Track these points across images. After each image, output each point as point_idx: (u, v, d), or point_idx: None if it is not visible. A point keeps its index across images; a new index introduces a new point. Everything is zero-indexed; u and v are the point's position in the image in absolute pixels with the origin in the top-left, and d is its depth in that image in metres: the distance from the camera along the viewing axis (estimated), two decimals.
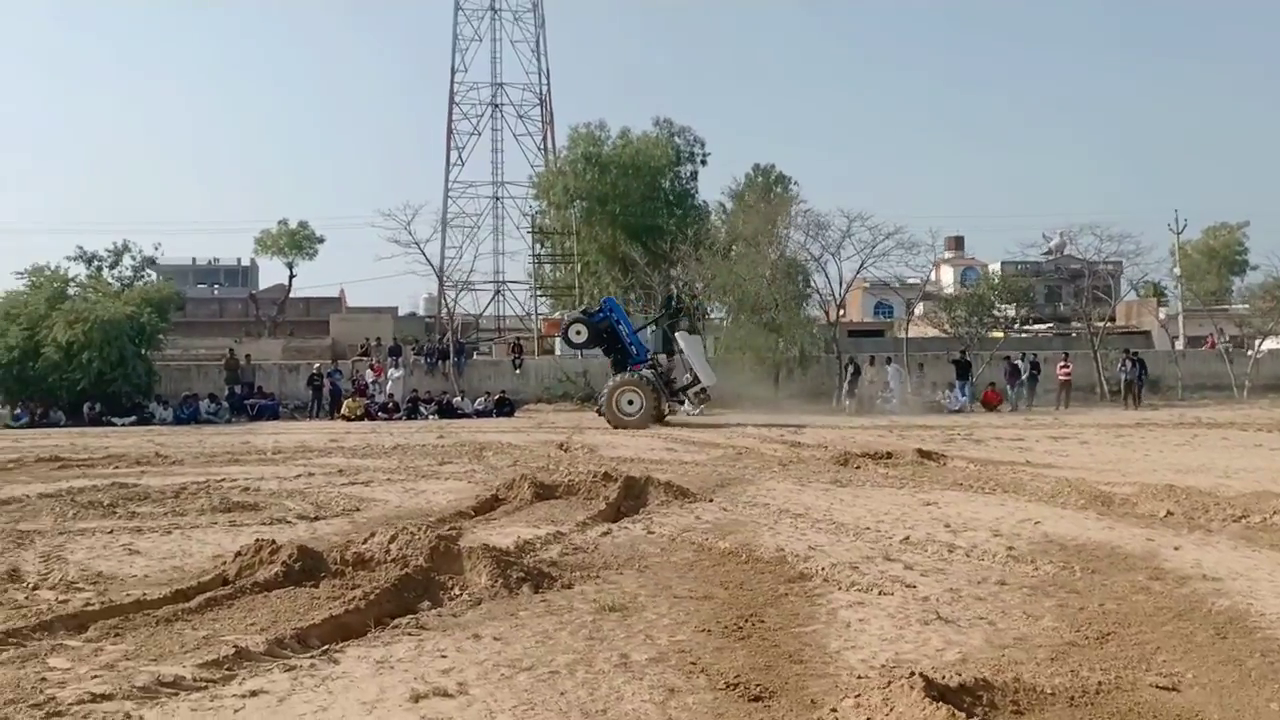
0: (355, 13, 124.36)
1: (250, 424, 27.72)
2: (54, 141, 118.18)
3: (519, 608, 6.33)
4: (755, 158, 63.79)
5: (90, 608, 6.23)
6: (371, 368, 30.85)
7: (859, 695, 4.30)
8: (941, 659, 5.16)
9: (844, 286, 33.12)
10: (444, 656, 5.25)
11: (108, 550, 8.65)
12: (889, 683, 4.26)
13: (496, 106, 55.82)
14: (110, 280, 32.45)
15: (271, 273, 65.45)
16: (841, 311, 32.98)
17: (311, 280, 52.97)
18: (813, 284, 32.93)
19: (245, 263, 75.94)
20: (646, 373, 24.57)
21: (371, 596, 6.34)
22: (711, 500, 11.43)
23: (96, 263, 39.46)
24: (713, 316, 36.82)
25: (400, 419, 27.97)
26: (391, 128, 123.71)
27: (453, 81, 55.63)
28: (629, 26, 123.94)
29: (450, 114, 55.46)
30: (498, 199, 56.18)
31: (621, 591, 6.79)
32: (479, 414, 29.18)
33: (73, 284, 30.60)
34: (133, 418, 27.83)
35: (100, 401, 27.94)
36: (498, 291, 53.86)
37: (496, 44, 55.98)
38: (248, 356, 31.61)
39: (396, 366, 30.92)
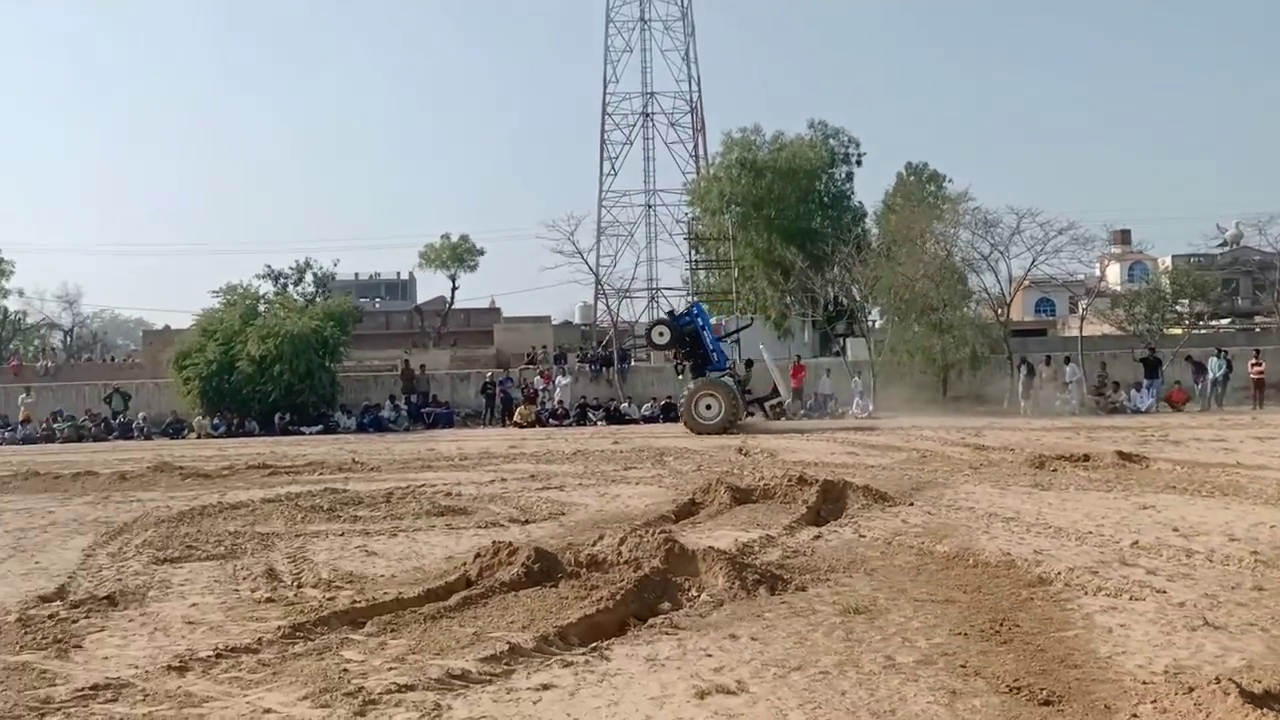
0: (501, 32, 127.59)
1: (428, 431, 28.71)
2: (243, 162, 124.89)
3: (761, 609, 6.42)
4: (904, 157, 62.43)
5: (358, 604, 6.61)
6: (541, 375, 31.55)
7: (1155, 701, 4.22)
8: (1224, 665, 5.00)
9: (1013, 285, 32.13)
10: (709, 655, 5.37)
11: (346, 551, 9.15)
12: (1191, 689, 4.16)
13: (648, 116, 56.44)
14: (294, 296, 34.13)
15: (428, 286, 67.69)
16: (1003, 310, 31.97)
17: (462, 292, 54.46)
18: (980, 282, 32.08)
19: (405, 276, 78.89)
20: (726, 379, 24.75)
21: (618, 597, 6.54)
22: (911, 504, 11.32)
23: (282, 280, 41.67)
24: (869, 319, 36.20)
25: (570, 425, 28.52)
26: (530, 141, 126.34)
27: (605, 93, 56.54)
28: (778, 29, 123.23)
29: (603, 125, 56.38)
30: (650, 207, 56.71)
31: (858, 594, 6.80)
32: (646, 420, 29.48)
33: (261, 301, 32.36)
34: (319, 427, 29.21)
35: (289, 411, 29.44)
36: (653, 298, 54.28)
37: (646, 54, 56.64)
38: (422, 366, 32.76)
39: (564, 374, 31.53)
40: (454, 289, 53.06)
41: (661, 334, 25.80)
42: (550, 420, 28.81)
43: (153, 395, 32.75)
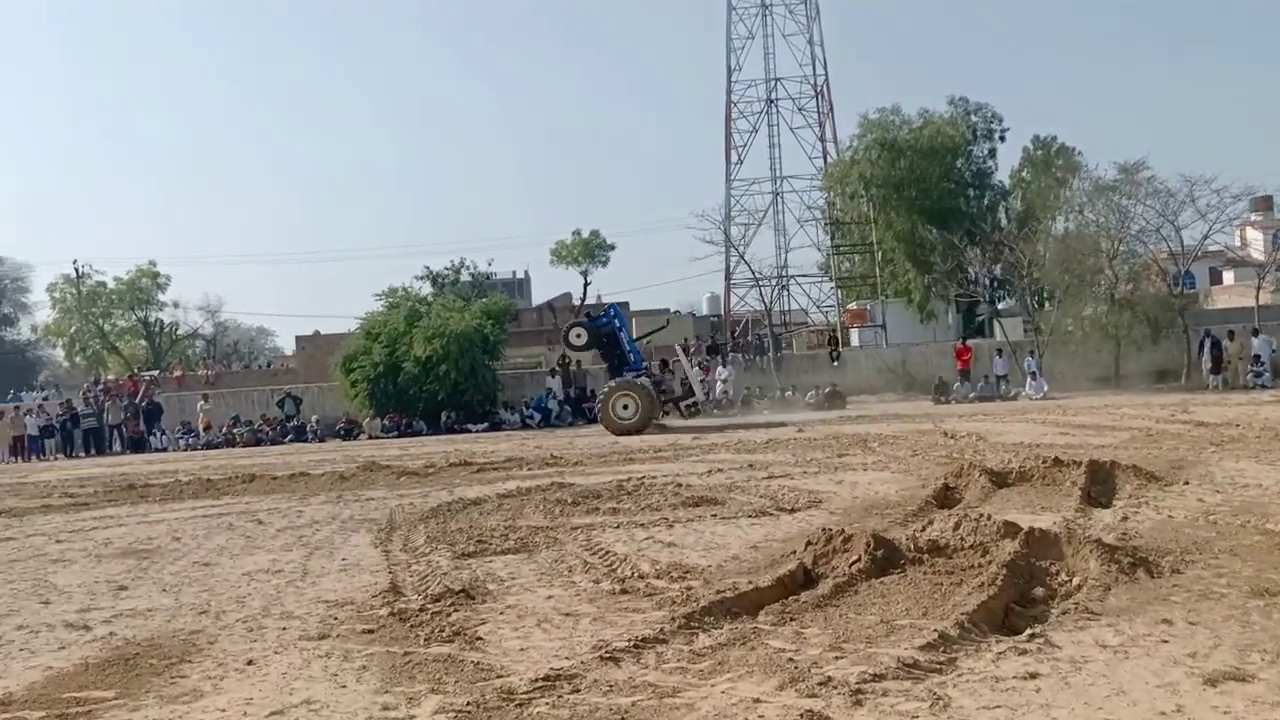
0: (616, 27, 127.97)
1: (591, 425, 28.82)
2: (351, 166, 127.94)
3: (1161, 593, 6.10)
4: (1031, 129, 60.30)
5: (725, 594, 6.49)
6: (700, 366, 31.44)
7: None
8: None
9: (1188, 256, 30.78)
10: (1165, 642, 5.09)
11: (640, 543, 9.06)
12: None
13: (772, 102, 55.87)
14: (451, 296, 34.71)
15: (544, 284, 68.58)
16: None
17: (557, 288, 54.83)
18: (1150, 253, 30.82)
19: (520, 275, 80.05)
20: (643, 380, 24.72)
21: (998, 582, 6.29)
22: (1186, 483, 10.80)
23: (440, 281, 42.46)
24: (1031, 298, 35.09)
25: (734, 415, 28.29)
26: (631, 136, 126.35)
27: (729, 81, 56.16)
28: (900, 7, 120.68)
29: (728, 114, 55.99)
30: (778, 194, 56.15)
31: (1244, 576, 6.42)
32: (811, 408, 29.09)
33: (421, 303, 32.95)
34: (485, 424, 29.62)
35: (456, 410, 29.94)
36: (784, 286, 53.77)
37: (769, 39, 56.05)
38: (578, 362, 32.96)
39: (725, 365, 31.36)
40: (586, 285, 53.45)
41: (579, 335, 25.79)
42: (714, 411, 28.63)
43: (317, 399, 33.66)
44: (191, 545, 10.46)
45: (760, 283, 42.78)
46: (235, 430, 30.40)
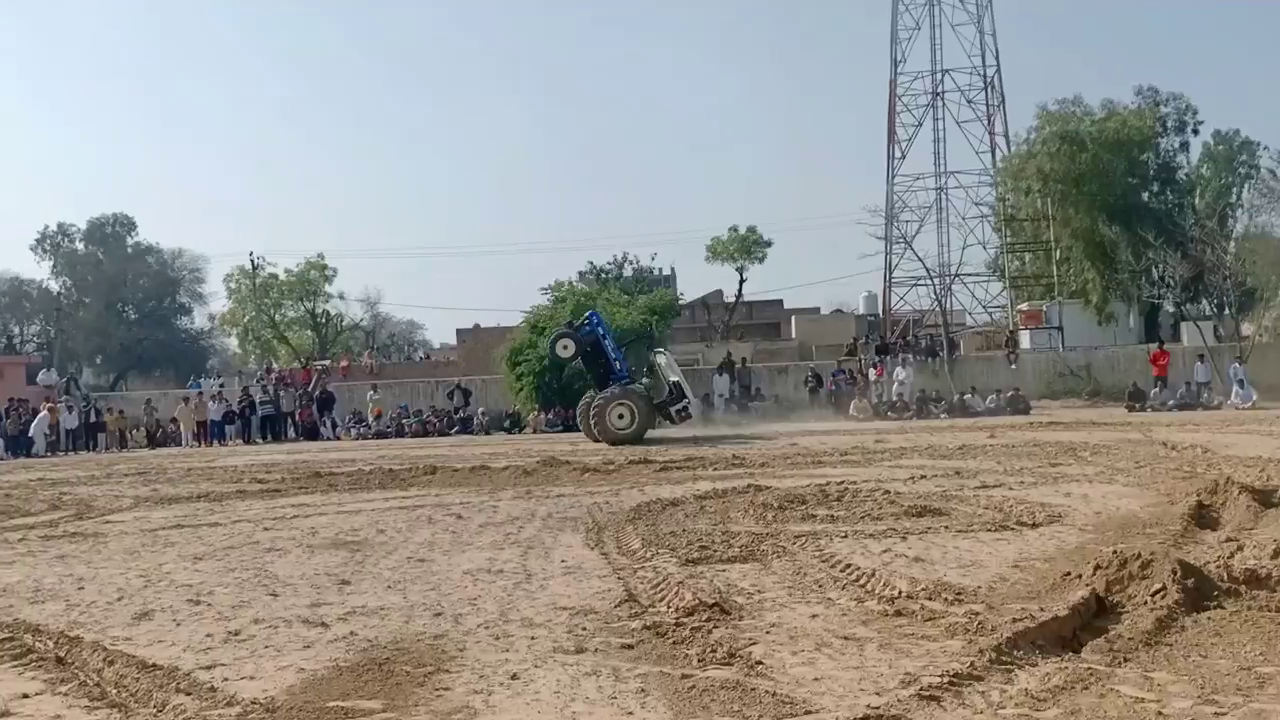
0: (783, 17, 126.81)
1: (761, 426, 28.08)
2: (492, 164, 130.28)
3: None
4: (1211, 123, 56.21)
5: (1024, 624, 5.73)
6: (874, 367, 30.41)
7: None
8: None
9: None
10: None
11: (878, 555, 8.34)
12: None
13: (939, 95, 53.91)
14: (616, 291, 34.57)
15: (692, 281, 68.02)
16: None
17: (706, 285, 54.10)
18: None
19: (666, 271, 79.75)
20: (638, 388, 23.70)
21: None
22: None
23: (603, 275, 42.50)
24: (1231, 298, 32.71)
25: (910, 418, 27.21)
26: (785, 133, 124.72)
27: (894, 73, 54.48)
28: None
29: (892, 107, 54.26)
30: (941, 190, 54.17)
31: None
32: (991, 412, 27.75)
33: (586, 297, 32.83)
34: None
35: None
36: (949, 285, 51.79)
37: (936, 30, 54.12)
38: (744, 359, 32.37)
39: (903, 366, 30.22)
40: (741, 281, 52.69)
41: (565, 346, 24.13)
42: (889, 414, 27.58)
43: (480, 391, 33.95)
44: (398, 539, 10.22)
45: (932, 280, 41.18)
46: (404, 421, 30.83)
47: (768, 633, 5.96)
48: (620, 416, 22.62)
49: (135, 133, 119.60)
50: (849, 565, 7.89)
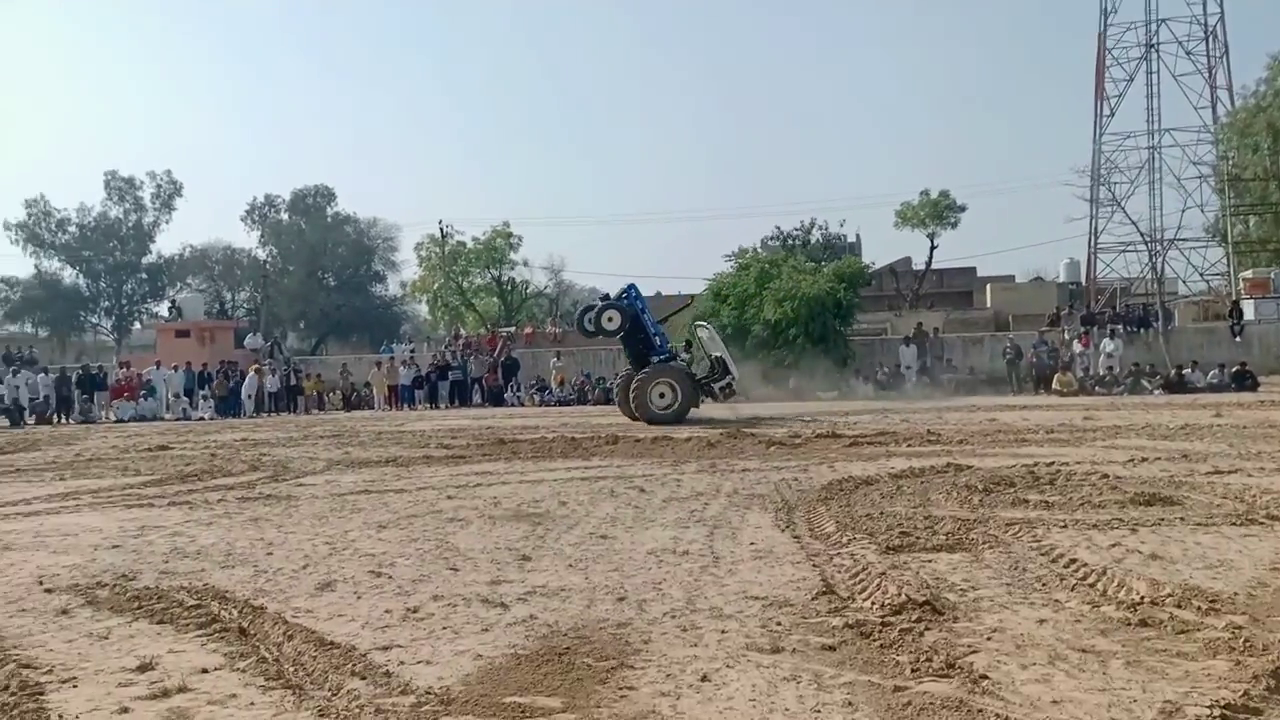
0: None
1: (954, 399, 26.78)
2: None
3: None
4: None
5: None
6: (1079, 338, 28.51)
7: None
8: None
9: None
10: None
11: (1116, 551, 7.42)
12: None
13: (1153, 47, 49.98)
14: (803, 258, 33.66)
15: (879, 247, 65.85)
16: None
17: (893, 251, 51.69)
18: None
19: (851, 238, 77.58)
20: (679, 365, 22.26)
21: None
22: None
23: (789, 241, 41.61)
24: None
25: (1121, 393, 25.33)
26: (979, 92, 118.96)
27: (1103, 25, 50.83)
28: None
29: (1100, 61, 50.65)
30: (1155, 149, 50.32)
31: None
32: (1213, 388, 25.53)
33: (772, 264, 32.06)
34: (835, 392, 28.34)
35: (803, 377, 28.86)
36: (1165, 250, 48.21)
37: None
38: (936, 329, 30.96)
39: (1111, 337, 28.21)
40: (933, 249, 50.56)
41: (611, 319, 22.04)
42: (1097, 389, 25.76)
43: None
44: (580, 512, 9.92)
45: (1146, 244, 38.30)
46: (587, 388, 30.91)
47: (989, 639, 5.27)
48: (661, 395, 21.37)
49: (340, 110, 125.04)
50: (1074, 561, 7.06)
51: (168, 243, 67.65)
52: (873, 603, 5.98)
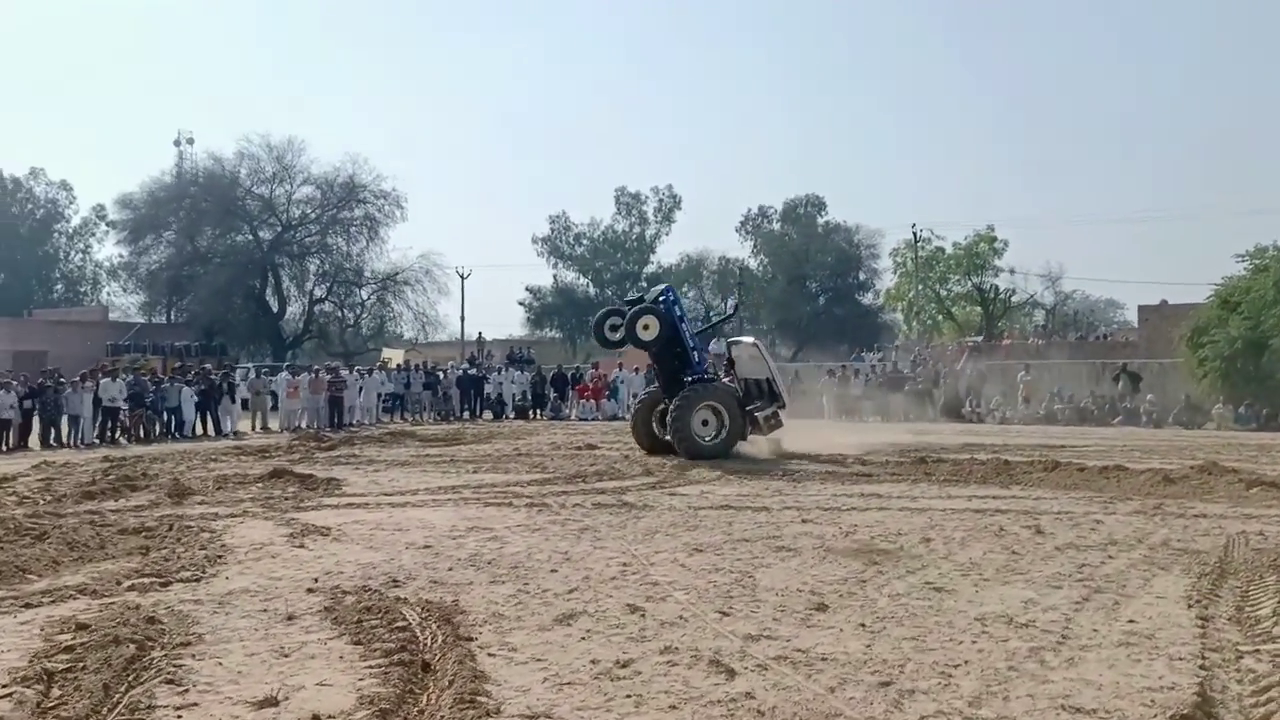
0: None
1: None
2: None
3: None
4: None
5: None
6: None
7: None
8: None
9: None
10: None
11: None
12: None
13: None
14: None
15: None
16: None
17: None
18: None
19: None
20: (728, 385, 17.75)
21: None
22: None
23: None
24: None
25: None
26: None
27: None
28: None
29: None
30: None
31: None
32: None
33: None
34: None
35: None
36: None
37: None
38: None
39: None
40: None
41: (647, 326, 16.92)
42: None
43: (1157, 377, 29.22)
44: (938, 553, 8.16)
45: None
46: (1056, 406, 27.60)
47: None
48: (705, 423, 16.72)
49: (837, 114, 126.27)
50: None
51: (666, 252, 71.63)
52: None
